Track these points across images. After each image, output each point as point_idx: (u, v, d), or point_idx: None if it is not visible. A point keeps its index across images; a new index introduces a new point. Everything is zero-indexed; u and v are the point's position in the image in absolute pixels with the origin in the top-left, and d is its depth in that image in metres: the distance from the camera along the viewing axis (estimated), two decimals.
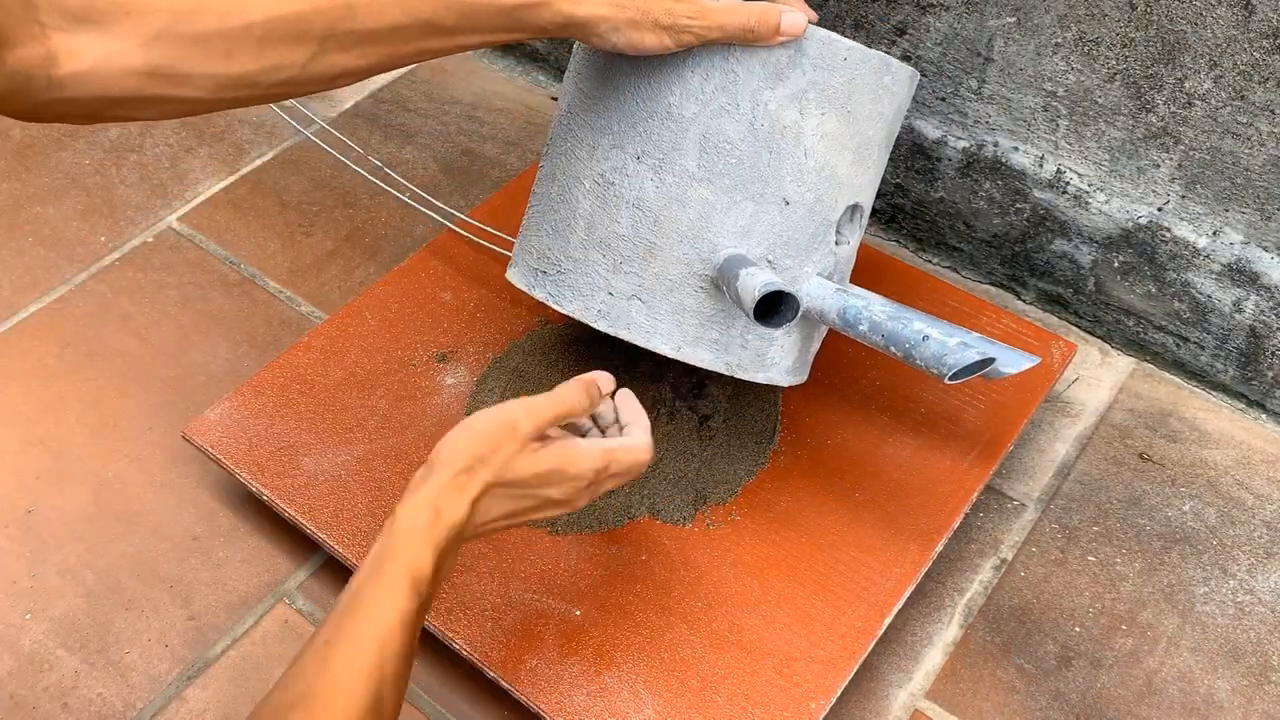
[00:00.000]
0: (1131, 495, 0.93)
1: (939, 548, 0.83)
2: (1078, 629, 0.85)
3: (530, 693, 0.76)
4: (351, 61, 0.61)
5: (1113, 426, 0.98)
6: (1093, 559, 0.89)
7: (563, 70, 1.31)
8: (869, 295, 0.72)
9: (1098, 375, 1.03)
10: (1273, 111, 0.84)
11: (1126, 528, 0.91)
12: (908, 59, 1.00)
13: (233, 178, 1.20)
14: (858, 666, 0.77)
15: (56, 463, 0.95)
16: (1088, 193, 0.98)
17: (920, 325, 0.68)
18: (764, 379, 0.77)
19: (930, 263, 1.12)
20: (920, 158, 1.06)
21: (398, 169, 1.19)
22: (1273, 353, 0.96)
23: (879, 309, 0.70)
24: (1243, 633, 0.85)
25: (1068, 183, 0.98)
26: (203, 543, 0.90)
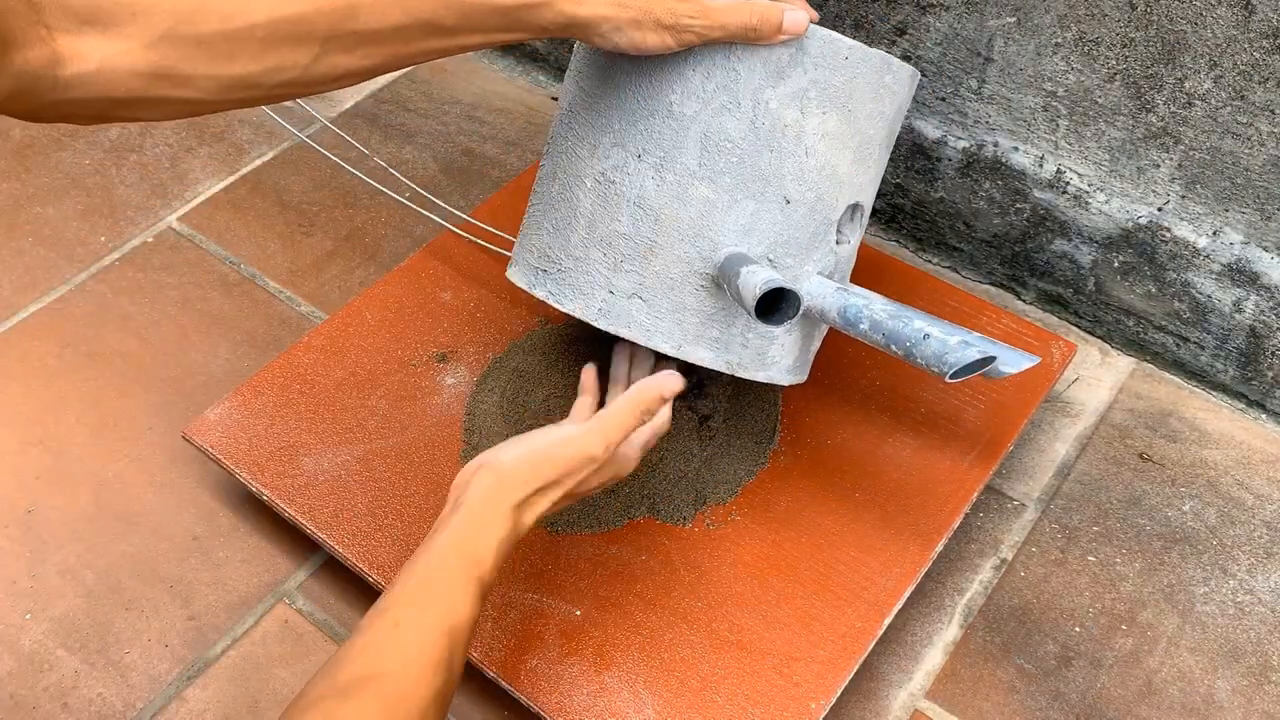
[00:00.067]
0: (1131, 495, 0.93)
1: (939, 548, 0.83)
2: (1078, 629, 0.85)
3: (530, 693, 0.76)
4: (354, 62, 0.61)
5: (1113, 426, 0.98)
6: (1093, 559, 0.89)
7: (563, 70, 1.31)
8: (870, 294, 0.72)
9: (1098, 375, 1.03)
10: (1273, 111, 0.84)
11: (1126, 528, 0.91)
12: (908, 59, 1.00)
13: (233, 178, 1.20)
14: (858, 666, 0.77)
15: (56, 463, 0.95)
16: (1088, 193, 0.98)
17: (921, 324, 0.68)
18: (764, 378, 0.77)
19: (930, 263, 1.12)
20: (920, 158, 1.06)
21: (398, 169, 1.19)
22: (1273, 353, 0.96)
23: (880, 308, 0.70)
24: (1243, 633, 0.85)
25: (1068, 183, 0.98)
26: (203, 543, 0.90)
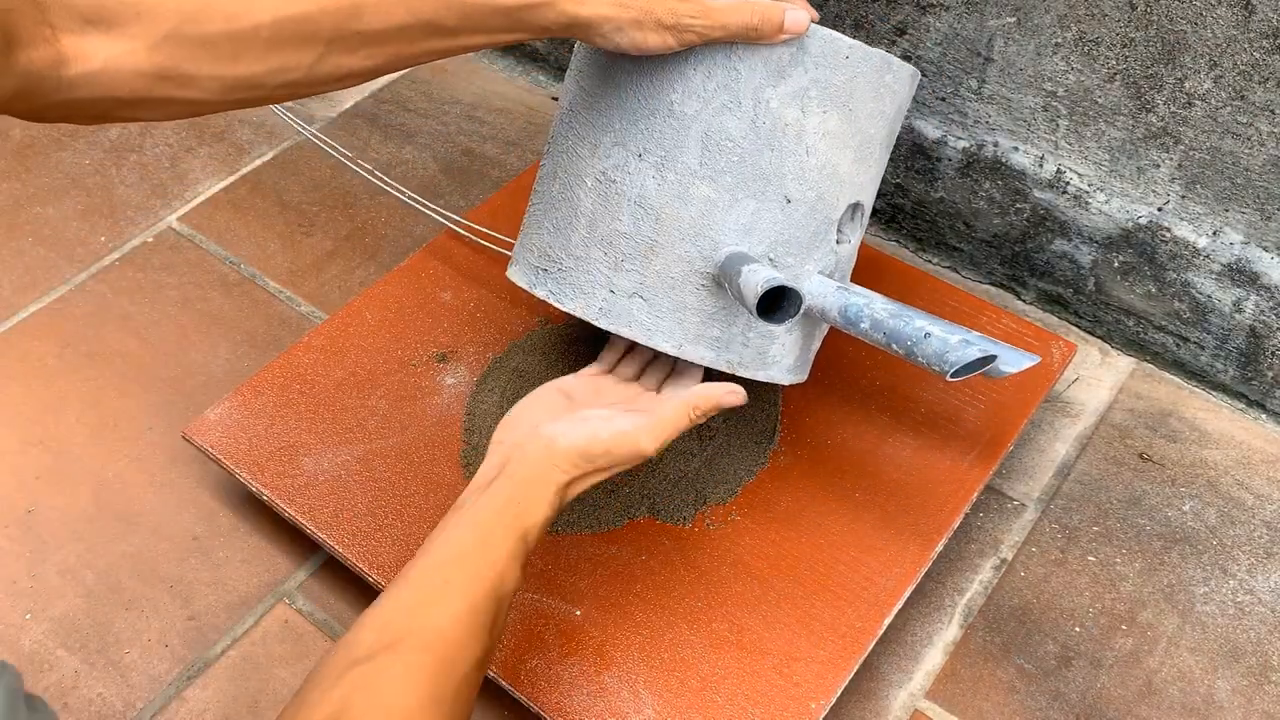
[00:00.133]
0: (1131, 495, 0.93)
1: (939, 548, 0.83)
2: (1078, 629, 0.85)
3: (530, 693, 0.76)
4: (357, 63, 0.61)
5: (1113, 426, 0.98)
6: (1093, 559, 0.89)
7: (563, 70, 1.31)
8: (870, 294, 0.72)
9: (1098, 375, 1.03)
10: (1273, 111, 0.84)
11: (1126, 528, 0.91)
12: (908, 59, 1.00)
13: (233, 178, 1.20)
14: (858, 666, 0.77)
15: (56, 463, 0.95)
16: (1088, 193, 0.98)
17: (922, 323, 0.68)
18: (765, 377, 0.77)
19: (930, 263, 1.12)
20: (920, 158, 1.06)
21: (398, 169, 1.19)
22: (1273, 353, 0.96)
23: (881, 306, 0.70)
24: (1243, 633, 0.85)
25: (1068, 183, 0.98)
26: (203, 543, 0.90)
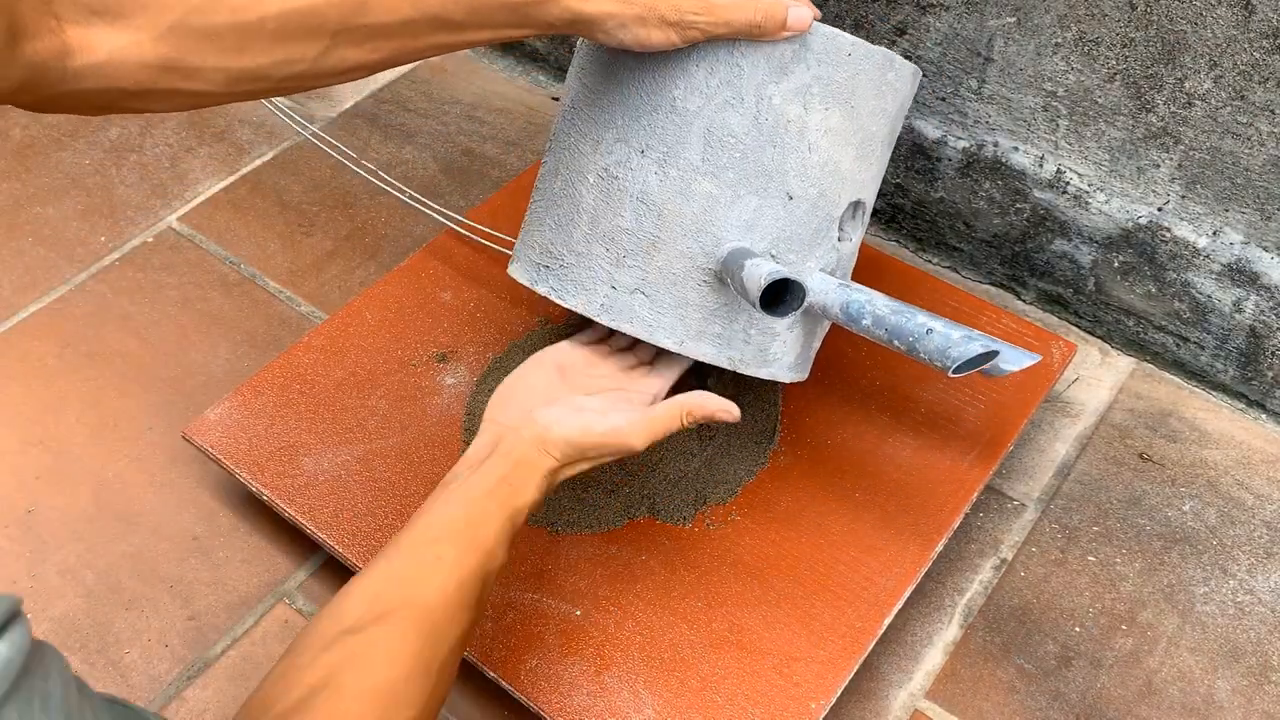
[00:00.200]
0: (1131, 495, 0.93)
1: (939, 548, 0.83)
2: (1078, 629, 0.85)
3: (530, 693, 0.76)
4: (362, 56, 0.61)
5: (1113, 426, 0.98)
6: (1093, 559, 0.89)
7: (563, 70, 1.31)
8: (871, 291, 0.72)
9: (1098, 375, 1.03)
10: (1273, 111, 0.84)
11: (1126, 528, 0.91)
12: (908, 59, 1.00)
13: (233, 178, 1.20)
14: (858, 666, 0.77)
15: (56, 463, 0.95)
16: (1088, 193, 0.98)
17: (924, 319, 0.68)
18: (766, 374, 0.77)
19: (930, 263, 1.12)
20: (920, 158, 1.06)
21: (398, 169, 1.19)
22: (1273, 353, 0.96)
23: (882, 303, 0.70)
24: (1243, 633, 0.85)
25: (1068, 183, 0.98)
26: (203, 543, 0.90)
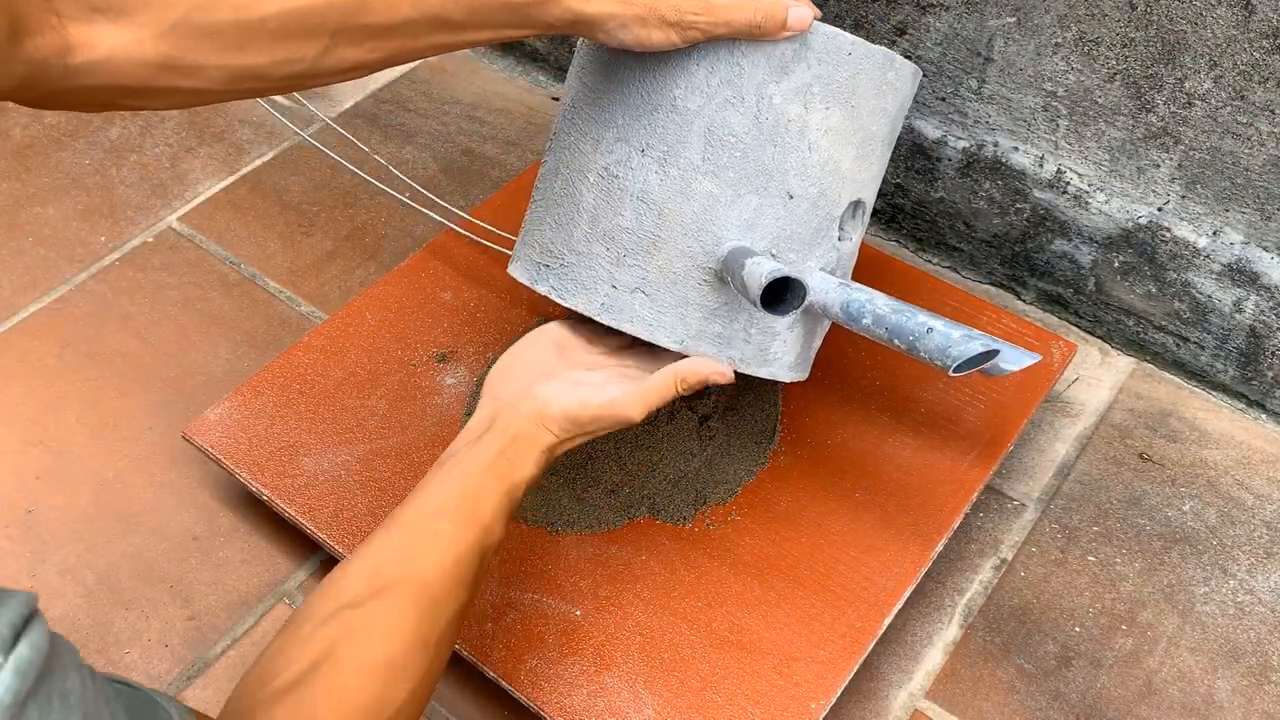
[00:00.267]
0: (1131, 495, 0.93)
1: (939, 548, 0.83)
2: (1078, 629, 0.85)
3: (530, 693, 0.76)
4: (362, 55, 0.61)
5: (1113, 426, 0.98)
6: (1093, 559, 0.89)
7: (563, 70, 1.31)
8: (872, 290, 0.72)
9: (1098, 375, 1.03)
10: (1273, 111, 0.84)
11: (1126, 528, 0.91)
12: (908, 59, 1.00)
13: (233, 178, 1.20)
14: (858, 666, 0.77)
15: (56, 463, 0.95)
16: (1088, 193, 0.98)
17: (924, 318, 0.68)
18: (766, 374, 0.77)
19: (930, 263, 1.12)
20: (920, 158, 1.06)
21: (398, 169, 1.19)
22: (1273, 353, 0.96)
23: (883, 302, 0.70)
24: (1243, 633, 0.85)
25: (1068, 183, 0.98)
26: (203, 543, 0.90)
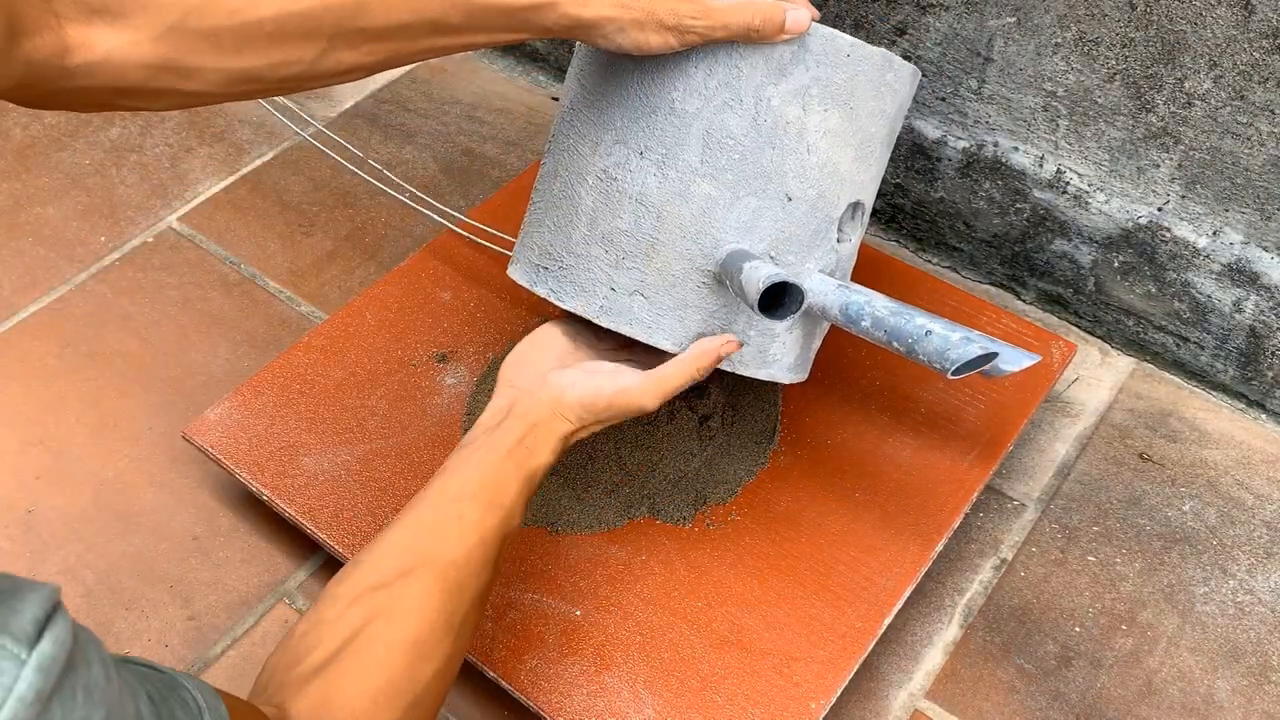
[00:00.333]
0: (1131, 495, 0.93)
1: (939, 548, 0.83)
2: (1078, 629, 0.85)
3: (530, 693, 0.76)
4: (359, 58, 0.61)
5: (1113, 426, 0.98)
6: (1093, 559, 0.89)
7: (563, 70, 1.31)
8: (871, 292, 0.72)
9: (1098, 375, 1.03)
10: (1273, 111, 0.84)
11: (1126, 528, 0.91)
12: (908, 59, 1.00)
13: (233, 178, 1.20)
14: (858, 666, 0.77)
15: (56, 463, 0.95)
16: (1088, 193, 0.98)
17: (923, 320, 0.68)
18: (766, 376, 0.77)
19: (930, 263, 1.12)
20: (920, 158, 1.06)
21: (398, 169, 1.19)
22: (1273, 353, 0.96)
23: (881, 304, 0.70)
24: (1243, 633, 0.85)
25: (1068, 183, 0.98)
26: (203, 543, 0.90)
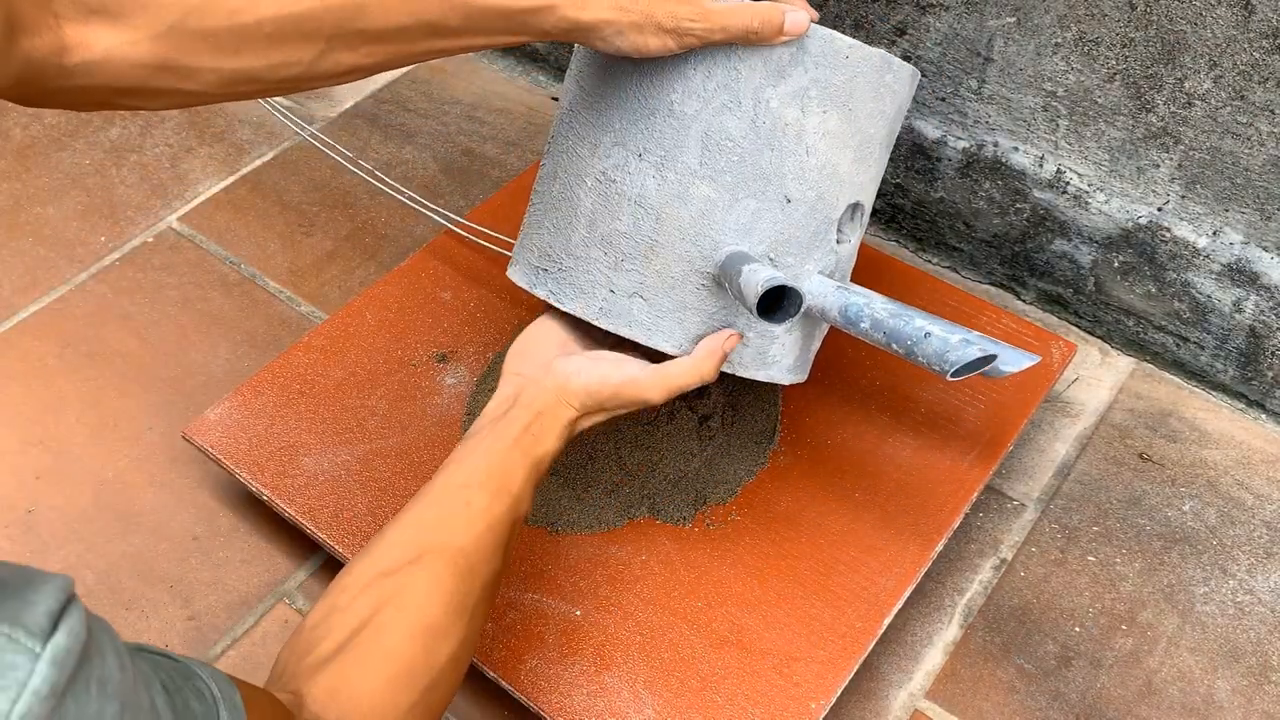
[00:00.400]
0: (1131, 495, 0.93)
1: (939, 548, 0.83)
2: (1078, 629, 0.85)
3: (530, 693, 0.76)
4: (358, 60, 0.61)
5: (1113, 426, 0.98)
6: (1093, 559, 0.89)
7: (563, 70, 1.31)
8: (870, 293, 0.72)
9: (1098, 375, 1.03)
10: (1273, 111, 0.84)
11: (1126, 528, 0.91)
12: (908, 59, 1.00)
13: (233, 178, 1.20)
14: (858, 666, 0.77)
15: (56, 463, 0.95)
16: (1088, 193, 0.98)
17: (922, 322, 0.68)
18: (765, 377, 0.77)
19: (930, 263, 1.12)
20: (920, 158, 1.06)
21: (398, 169, 1.19)
22: (1273, 353, 0.96)
23: (880, 306, 0.70)
24: (1243, 633, 0.85)
25: (1068, 183, 0.98)
26: (203, 543, 0.90)
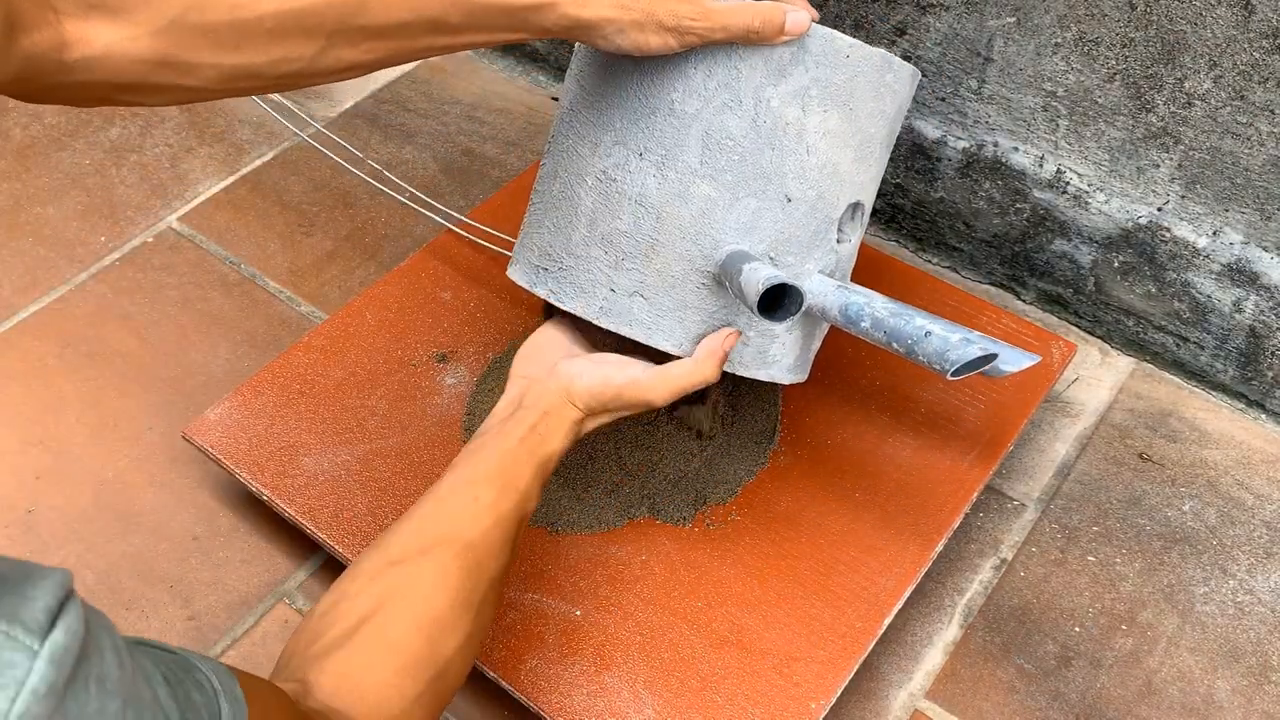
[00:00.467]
0: (1131, 495, 0.93)
1: (939, 548, 0.83)
2: (1078, 629, 0.85)
3: (530, 693, 0.76)
4: (359, 56, 0.61)
5: (1113, 426, 0.98)
6: (1093, 559, 0.89)
7: (563, 70, 1.31)
8: (870, 292, 0.72)
9: (1098, 375, 1.03)
10: (1273, 111, 0.84)
11: (1126, 528, 0.91)
12: (908, 59, 1.00)
13: (233, 178, 1.20)
14: (858, 666, 0.77)
15: (56, 463, 0.95)
16: (1088, 193, 0.98)
17: (922, 321, 0.68)
18: (765, 376, 0.77)
19: (930, 263, 1.12)
20: (920, 158, 1.06)
21: (398, 169, 1.19)
22: (1272, 353, 0.96)
23: (881, 305, 0.70)
24: (1243, 633, 0.85)
25: (1068, 183, 0.98)
26: (203, 543, 0.90)
